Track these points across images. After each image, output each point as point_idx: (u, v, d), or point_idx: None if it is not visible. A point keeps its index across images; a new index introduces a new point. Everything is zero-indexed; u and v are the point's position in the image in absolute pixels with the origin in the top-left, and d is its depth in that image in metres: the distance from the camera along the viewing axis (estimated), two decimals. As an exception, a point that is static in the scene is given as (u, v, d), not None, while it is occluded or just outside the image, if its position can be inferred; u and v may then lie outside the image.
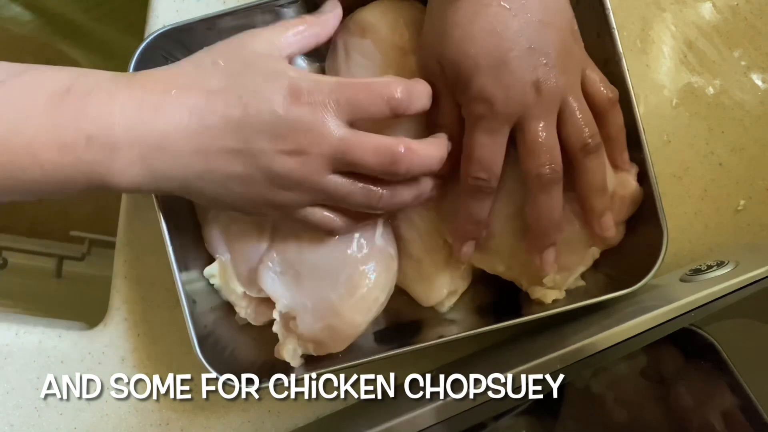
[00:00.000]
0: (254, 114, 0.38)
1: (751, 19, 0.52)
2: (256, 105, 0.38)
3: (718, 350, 0.41)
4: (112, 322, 0.52)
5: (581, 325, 0.43)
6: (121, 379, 0.47)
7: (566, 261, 0.46)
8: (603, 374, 0.44)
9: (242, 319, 0.49)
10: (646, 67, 0.52)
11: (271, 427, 0.52)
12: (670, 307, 0.39)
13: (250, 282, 0.47)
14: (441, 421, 0.38)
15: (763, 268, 0.40)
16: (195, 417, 0.52)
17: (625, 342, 0.39)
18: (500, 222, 0.45)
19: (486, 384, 0.39)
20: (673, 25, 0.52)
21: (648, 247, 0.44)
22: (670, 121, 0.52)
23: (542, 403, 0.43)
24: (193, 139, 0.38)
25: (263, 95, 0.38)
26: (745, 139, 0.51)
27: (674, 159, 0.51)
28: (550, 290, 0.46)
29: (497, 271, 0.47)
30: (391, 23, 0.45)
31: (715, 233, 0.51)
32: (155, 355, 0.52)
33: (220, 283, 0.48)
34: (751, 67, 0.52)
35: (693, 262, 0.49)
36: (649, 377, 0.43)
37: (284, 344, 0.46)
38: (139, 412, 0.52)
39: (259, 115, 0.38)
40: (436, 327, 0.48)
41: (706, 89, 0.52)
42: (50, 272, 0.89)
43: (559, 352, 0.39)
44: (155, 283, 0.52)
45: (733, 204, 0.51)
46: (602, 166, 0.43)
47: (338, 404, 0.52)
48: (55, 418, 0.52)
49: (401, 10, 0.46)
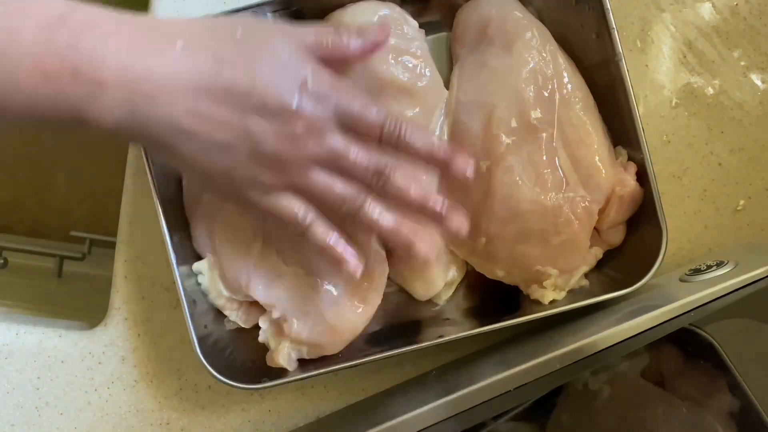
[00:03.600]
0: (260, 94, 0.38)
1: (750, 20, 0.52)
2: (265, 86, 0.38)
3: (718, 350, 0.41)
4: (113, 322, 0.52)
5: (581, 325, 0.43)
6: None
7: (566, 262, 0.46)
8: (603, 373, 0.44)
9: (232, 323, 0.49)
10: (645, 67, 0.52)
11: (271, 427, 0.52)
12: (669, 307, 0.39)
13: (237, 288, 0.47)
14: (441, 420, 0.38)
15: (762, 268, 0.40)
16: (195, 417, 0.52)
17: (625, 342, 0.39)
18: (497, 226, 0.45)
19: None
20: (673, 25, 0.52)
21: (647, 247, 0.44)
22: (670, 121, 0.52)
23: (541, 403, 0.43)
24: (187, 98, 0.37)
25: (276, 80, 0.38)
26: (745, 139, 0.51)
27: (674, 159, 0.51)
28: (550, 291, 0.46)
29: (497, 276, 0.47)
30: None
31: (714, 233, 0.51)
32: (155, 355, 0.52)
33: (208, 284, 0.48)
34: (751, 67, 0.52)
35: (692, 262, 0.49)
36: (648, 377, 0.43)
37: (278, 350, 0.46)
38: (139, 412, 0.52)
39: (266, 96, 0.38)
40: (435, 327, 0.48)
41: (705, 89, 0.52)
42: (50, 272, 0.89)
43: (559, 351, 0.39)
44: (155, 283, 0.52)
45: (732, 204, 0.51)
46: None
47: (338, 404, 0.52)
48: (55, 417, 0.52)
49: (378, 11, 0.46)
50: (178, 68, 0.37)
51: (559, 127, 0.45)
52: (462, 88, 0.47)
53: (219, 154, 0.39)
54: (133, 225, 0.52)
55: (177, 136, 0.38)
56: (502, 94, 0.45)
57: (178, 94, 0.37)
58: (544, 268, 0.46)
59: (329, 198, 0.40)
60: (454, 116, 0.47)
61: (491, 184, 0.45)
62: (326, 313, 0.45)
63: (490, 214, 0.45)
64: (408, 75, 0.46)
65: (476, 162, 0.45)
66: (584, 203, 0.45)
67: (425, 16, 0.49)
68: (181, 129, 0.38)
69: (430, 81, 0.46)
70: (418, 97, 0.46)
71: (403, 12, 0.47)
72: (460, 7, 0.48)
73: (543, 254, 0.45)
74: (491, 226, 0.45)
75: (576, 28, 0.47)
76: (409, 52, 0.46)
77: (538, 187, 0.45)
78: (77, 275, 0.91)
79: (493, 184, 0.45)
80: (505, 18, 0.46)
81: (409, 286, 0.49)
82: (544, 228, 0.45)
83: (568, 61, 0.46)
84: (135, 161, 0.52)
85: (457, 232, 0.41)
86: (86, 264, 0.92)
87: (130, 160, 0.52)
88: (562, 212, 0.44)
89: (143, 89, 0.37)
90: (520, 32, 0.46)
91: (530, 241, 0.45)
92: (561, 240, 0.45)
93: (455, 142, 0.47)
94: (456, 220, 0.41)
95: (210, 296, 0.48)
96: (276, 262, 0.46)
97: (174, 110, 0.37)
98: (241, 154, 0.39)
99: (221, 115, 0.38)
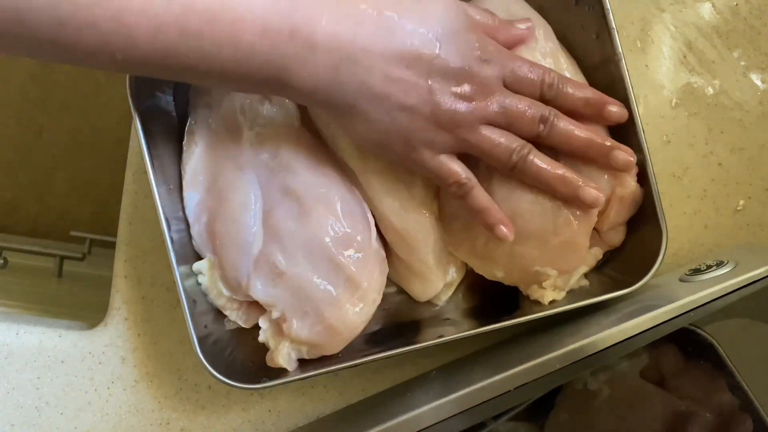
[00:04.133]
0: (443, 58, 0.41)
1: (750, 20, 0.52)
2: (447, 52, 0.41)
3: (718, 350, 0.41)
4: (113, 322, 0.52)
5: (581, 325, 0.43)
6: None
7: (566, 263, 0.46)
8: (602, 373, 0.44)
9: (232, 322, 0.49)
10: (645, 67, 0.52)
11: (271, 427, 0.52)
12: (669, 307, 0.39)
13: (237, 288, 0.47)
14: (441, 420, 0.38)
15: (762, 268, 0.40)
16: (195, 417, 0.52)
17: (625, 342, 0.39)
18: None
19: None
20: (673, 25, 0.52)
21: (647, 247, 0.44)
22: (670, 121, 0.52)
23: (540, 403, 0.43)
24: (383, 63, 0.40)
25: (456, 45, 0.41)
26: (745, 139, 0.51)
27: (674, 159, 0.51)
28: (549, 291, 0.46)
29: (497, 277, 0.47)
30: None
31: (714, 233, 0.51)
32: (155, 355, 0.52)
33: (207, 284, 0.48)
34: (751, 67, 0.52)
35: (692, 262, 0.49)
36: (648, 377, 0.43)
37: (278, 350, 0.46)
38: (139, 412, 0.52)
39: (448, 60, 0.41)
40: (435, 327, 0.48)
41: (705, 89, 0.52)
42: (50, 272, 0.89)
43: (558, 351, 0.39)
44: (155, 283, 0.52)
45: (732, 204, 0.51)
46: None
47: (338, 404, 0.52)
48: (55, 417, 0.52)
49: None
50: (376, 35, 0.40)
51: (559, 127, 0.45)
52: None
53: (403, 115, 0.41)
54: (133, 225, 0.52)
55: (370, 100, 0.41)
56: (503, 93, 0.45)
57: (376, 60, 0.40)
58: (544, 268, 0.46)
59: (499, 150, 0.43)
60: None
61: (491, 184, 0.45)
62: (326, 313, 0.45)
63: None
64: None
65: (475, 162, 0.45)
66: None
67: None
68: (374, 92, 0.41)
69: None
70: None
71: None
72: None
73: (542, 255, 0.45)
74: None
75: (576, 28, 0.47)
76: None
77: (537, 187, 0.45)
78: (77, 275, 0.91)
79: (492, 184, 0.45)
80: (509, 16, 0.46)
81: (408, 287, 0.49)
82: (543, 228, 0.45)
83: (570, 60, 0.46)
84: (135, 161, 0.52)
85: (625, 167, 0.44)
86: (86, 264, 0.92)
87: (130, 160, 0.52)
88: (562, 212, 0.44)
89: (348, 55, 0.40)
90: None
91: (529, 241, 0.45)
92: (560, 240, 0.45)
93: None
94: (622, 155, 0.44)
95: (210, 296, 0.48)
96: (277, 261, 0.46)
97: (371, 75, 0.40)
98: (422, 114, 0.41)
99: (410, 79, 0.41)
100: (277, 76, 0.40)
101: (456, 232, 0.47)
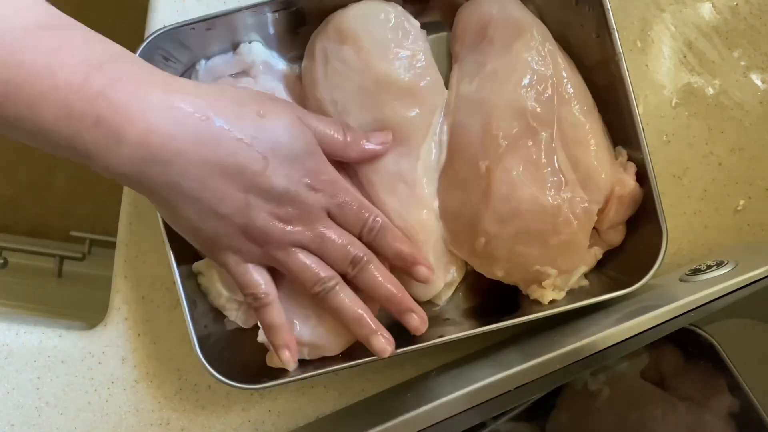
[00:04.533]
0: (269, 178, 0.40)
1: (750, 20, 0.52)
2: (274, 170, 0.40)
3: (718, 350, 0.41)
4: (113, 322, 0.52)
5: (581, 325, 0.43)
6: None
7: (566, 262, 0.46)
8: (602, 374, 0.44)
9: (232, 323, 0.49)
10: (645, 67, 0.52)
11: (271, 427, 0.52)
12: (669, 307, 0.39)
13: (236, 289, 0.47)
14: (441, 420, 0.38)
15: (762, 268, 0.40)
16: (195, 417, 0.52)
17: (625, 342, 0.39)
18: (496, 227, 0.45)
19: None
20: (673, 25, 0.52)
21: (647, 247, 0.44)
22: (670, 121, 0.52)
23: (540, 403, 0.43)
24: (200, 169, 0.39)
25: (286, 167, 0.40)
26: (745, 139, 0.51)
27: (674, 159, 0.51)
28: (549, 291, 0.46)
29: (497, 276, 0.47)
30: (371, 30, 0.45)
31: (714, 233, 0.51)
32: (155, 355, 0.52)
33: (207, 284, 0.48)
34: (751, 67, 0.52)
35: (693, 262, 0.49)
36: (648, 377, 0.43)
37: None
38: (139, 412, 0.52)
39: (273, 181, 0.40)
40: (435, 327, 0.48)
41: (705, 89, 0.52)
42: (50, 272, 0.89)
43: (558, 351, 0.39)
44: (155, 283, 0.52)
45: (732, 204, 0.51)
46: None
47: (338, 404, 0.52)
48: (55, 417, 0.52)
49: (380, 11, 0.46)
50: (199, 141, 0.38)
51: (558, 127, 0.45)
52: (461, 88, 0.47)
53: (214, 220, 0.41)
54: (133, 225, 0.52)
55: (180, 199, 0.40)
56: (502, 94, 0.45)
57: (192, 165, 0.38)
58: (543, 268, 0.46)
59: (305, 276, 0.43)
60: (454, 116, 0.47)
61: (490, 184, 0.45)
62: (326, 314, 0.45)
63: (490, 214, 0.45)
64: (409, 75, 0.46)
65: (475, 162, 0.45)
66: (583, 203, 0.45)
67: (425, 15, 0.49)
68: (186, 195, 0.39)
69: (431, 81, 0.46)
70: (419, 97, 0.46)
71: (405, 12, 0.47)
72: (460, 6, 0.48)
73: (542, 254, 0.45)
74: (490, 226, 0.45)
75: (576, 28, 0.46)
76: (410, 52, 0.46)
77: (537, 187, 0.45)
78: (77, 275, 0.91)
79: (492, 184, 0.45)
80: (506, 18, 0.46)
81: (408, 287, 0.49)
82: (543, 228, 0.45)
83: (567, 61, 0.46)
84: (135, 161, 0.52)
85: (415, 332, 0.45)
86: (86, 264, 0.92)
87: (130, 160, 0.52)
88: (561, 212, 0.44)
89: (161, 155, 0.38)
90: (520, 32, 0.46)
91: (529, 241, 0.45)
92: (560, 240, 0.45)
93: (455, 142, 0.47)
94: (415, 321, 0.45)
95: (210, 296, 0.48)
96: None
97: (185, 178, 0.39)
98: (233, 224, 0.41)
99: (227, 190, 0.40)
100: (80, 157, 0.38)
101: (457, 231, 0.47)
